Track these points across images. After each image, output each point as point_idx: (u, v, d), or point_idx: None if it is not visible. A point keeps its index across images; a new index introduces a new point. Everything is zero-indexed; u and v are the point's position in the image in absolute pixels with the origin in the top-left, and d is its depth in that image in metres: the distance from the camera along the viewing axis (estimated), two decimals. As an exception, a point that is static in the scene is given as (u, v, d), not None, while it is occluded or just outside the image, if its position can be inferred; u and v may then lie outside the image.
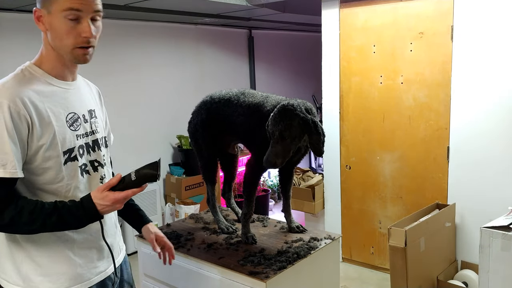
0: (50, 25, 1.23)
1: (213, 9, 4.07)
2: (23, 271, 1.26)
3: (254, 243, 1.94)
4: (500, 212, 2.52)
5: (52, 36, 1.25)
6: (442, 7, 3.13)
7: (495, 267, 2.22)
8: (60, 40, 1.24)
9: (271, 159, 1.69)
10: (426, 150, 3.35)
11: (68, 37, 1.23)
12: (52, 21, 1.22)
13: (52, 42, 1.26)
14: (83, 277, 1.32)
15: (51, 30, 1.24)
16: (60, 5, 1.20)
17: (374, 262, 3.72)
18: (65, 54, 1.27)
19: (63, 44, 1.25)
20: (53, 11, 1.21)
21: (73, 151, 1.30)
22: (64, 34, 1.23)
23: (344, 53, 3.65)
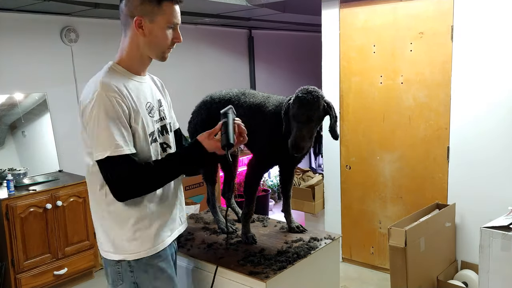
0: (150, 32, 1.44)
1: (213, 9, 4.07)
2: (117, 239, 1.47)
3: (254, 243, 1.94)
4: (500, 212, 2.52)
5: (148, 41, 1.45)
6: (442, 7, 3.13)
7: (495, 267, 2.21)
8: (157, 44, 1.47)
9: (299, 143, 1.69)
10: (426, 150, 3.35)
11: (165, 41, 1.48)
12: (153, 29, 1.44)
13: (146, 45, 1.46)
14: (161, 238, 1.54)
15: (149, 36, 1.45)
16: (167, 19, 1.46)
17: (374, 262, 3.72)
18: (154, 55, 1.50)
19: (160, 47, 1.48)
20: (156, 21, 1.44)
21: (153, 134, 1.52)
22: (163, 40, 1.47)
23: (344, 53, 3.65)
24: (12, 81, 3.61)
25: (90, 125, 1.37)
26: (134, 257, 1.47)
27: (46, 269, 3.37)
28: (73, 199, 3.48)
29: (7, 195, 3.16)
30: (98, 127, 1.35)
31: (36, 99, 3.78)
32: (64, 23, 3.88)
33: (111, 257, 1.48)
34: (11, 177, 3.23)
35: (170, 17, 1.46)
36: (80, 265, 3.57)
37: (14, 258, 3.18)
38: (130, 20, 1.43)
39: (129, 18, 1.43)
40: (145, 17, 1.42)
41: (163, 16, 1.44)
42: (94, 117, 1.36)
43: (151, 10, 1.42)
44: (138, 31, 1.43)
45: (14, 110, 3.65)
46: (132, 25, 1.43)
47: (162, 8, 1.44)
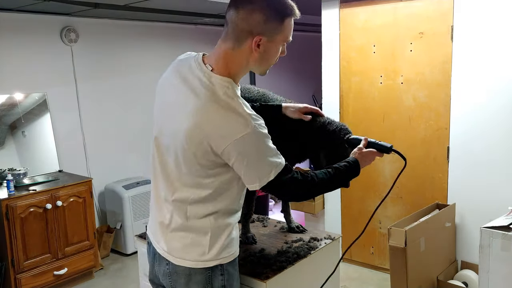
0: (266, 50, 1.37)
1: (213, 9, 4.07)
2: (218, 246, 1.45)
3: (254, 243, 1.94)
4: (500, 212, 2.52)
5: (260, 58, 1.38)
6: (442, 7, 3.13)
7: (495, 267, 2.22)
8: (267, 61, 1.41)
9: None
10: (426, 150, 3.35)
11: (275, 59, 1.44)
12: (270, 47, 1.37)
13: (257, 62, 1.39)
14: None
15: (264, 53, 1.37)
16: (285, 37, 1.40)
17: (374, 262, 3.72)
18: (259, 71, 1.45)
19: (268, 64, 1.43)
20: (275, 40, 1.37)
21: None
22: (274, 58, 1.43)
23: (344, 53, 3.65)
24: (12, 81, 3.61)
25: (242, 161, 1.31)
26: (228, 259, 1.47)
27: (46, 269, 3.37)
28: (73, 199, 3.48)
29: (7, 195, 3.16)
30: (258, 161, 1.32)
31: (36, 99, 3.78)
32: (64, 23, 3.88)
33: (205, 265, 1.44)
34: (11, 177, 3.23)
35: (288, 33, 1.41)
36: (80, 265, 3.57)
37: (14, 258, 3.18)
38: (247, 36, 1.34)
39: (247, 34, 1.33)
40: (265, 36, 1.34)
41: (283, 33, 1.38)
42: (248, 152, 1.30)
43: (273, 28, 1.35)
44: (255, 50, 1.35)
45: (14, 110, 3.65)
46: (248, 42, 1.34)
47: (284, 25, 1.37)
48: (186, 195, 1.41)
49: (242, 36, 1.34)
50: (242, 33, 1.34)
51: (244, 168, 1.32)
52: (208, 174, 1.37)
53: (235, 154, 1.30)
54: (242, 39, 1.34)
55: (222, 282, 1.46)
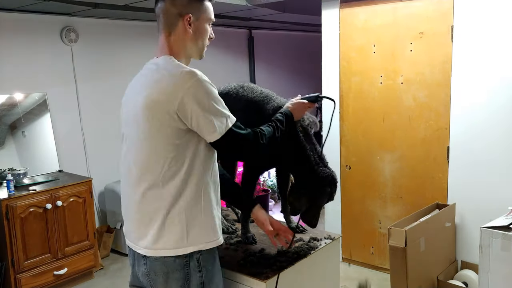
0: (196, 29, 1.53)
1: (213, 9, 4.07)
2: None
3: (254, 243, 1.94)
4: (500, 212, 2.52)
5: (194, 38, 1.53)
6: (442, 7, 3.13)
7: (495, 267, 2.22)
8: (201, 40, 1.56)
9: (316, 222, 1.86)
10: (426, 150, 3.35)
11: (206, 38, 1.58)
12: (199, 26, 1.53)
13: (193, 42, 1.54)
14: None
15: (195, 33, 1.53)
16: (208, 16, 1.56)
17: (374, 262, 3.71)
18: (197, 52, 1.58)
19: (203, 44, 1.57)
20: (201, 19, 1.53)
21: None
22: (205, 37, 1.57)
23: (344, 53, 3.65)
24: (12, 81, 3.61)
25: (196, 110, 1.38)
26: (209, 246, 1.49)
27: (46, 269, 3.37)
28: (73, 199, 3.48)
29: (7, 195, 3.16)
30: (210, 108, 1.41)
31: (36, 99, 3.78)
32: (64, 23, 3.88)
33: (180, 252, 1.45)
34: (11, 177, 3.23)
35: (210, 14, 1.56)
36: (80, 265, 3.57)
37: (14, 258, 3.18)
38: (178, 19, 1.49)
39: (177, 16, 1.49)
40: (193, 14, 1.50)
41: (205, 12, 1.54)
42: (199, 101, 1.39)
43: (197, 8, 1.51)
44: (188, 28, 1.50)
45: (14, 110, 3.65)
46: (180, 23, 1.49)
47: (204, 6, 1.53)
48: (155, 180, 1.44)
49: (174, 20, 1.50)
50: (173, 17, 1.50)
51: (202, 118, 1.39)
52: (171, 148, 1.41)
53: (190, 106, 1.38)
54: (175, 22, 1.50)
55: (200, 279, 1.48)
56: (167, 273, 1.46)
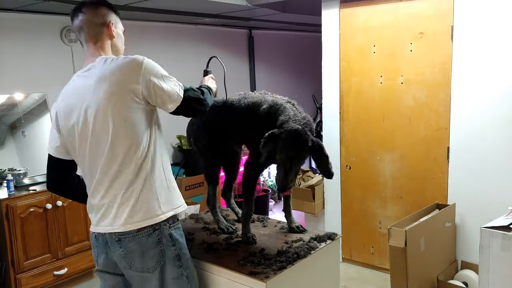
0: (118, 34, 1.72)
1: (213, 9, 4.07)
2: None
3: (254, 243, 1.94)
4: (500, 212, 2.52)
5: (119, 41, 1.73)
6: (442, 7, 3.13)
7: (495, 267, 2.21)
8: (122, 44, 1.76)
9: (288, 185, 1.72)
10: (426, 150, 3.35)
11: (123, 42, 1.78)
12: (119, 32, 1.74)
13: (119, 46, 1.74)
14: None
15: (118, 37, 1.73)
16: (121, 26, 1.76)
17: (374, 262, 3.72)
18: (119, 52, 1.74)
19: (123, 47, 1.77)
20: (119, 27, 1.74)
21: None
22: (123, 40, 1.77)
23: (344, 53, 3.65)
24: (12, 81, 3.61)
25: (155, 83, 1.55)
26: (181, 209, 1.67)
27: (46, 269, 3.37)
28: (73, 199, 3.48)
29: (7, 195, 3.16)
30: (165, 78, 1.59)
31: (36, 99, 3.78)
32: (64, 23, 3.88)
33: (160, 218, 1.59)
34: (11, 177, 3.23)
35: (121, 25, 1.76)
36: (80, 265, 3.57)
37: (14, 258, 3.18)
38: (103, 27, 1.65)
39: (102, 26, 1.65)
40: (113, 22, 1.69)
41: (119, 23, 1.74)
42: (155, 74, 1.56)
43: (114, 17, 1.70)
44: (112, 34, 1.68)
45: (14, 110, 3.65)
46: (105, 30, 1.66)
47: (118, 17, 1.74)
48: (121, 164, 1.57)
49: (99, 30, 1.65)
50: (97, 28, 1.65)
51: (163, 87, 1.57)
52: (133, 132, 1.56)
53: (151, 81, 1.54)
54: (99, 32, 1.65)
55: (176, 252, 1.63)
56: (142, 252, 1.59)
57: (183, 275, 1.64)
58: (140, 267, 1.60)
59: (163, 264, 1.61)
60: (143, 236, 1.58)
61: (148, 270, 1.60)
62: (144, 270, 1.60)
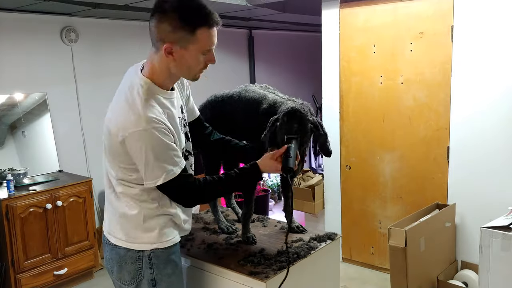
0: (181, 58, 1.41)
1: (213, 9, 4.07)
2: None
3: (254, 243, 1.94)
4: (500, 212, 2.52)
5: (178, 65, 1.43)
6: (442, 7, 3.13)
7: (495, 267, 2.22)
8: (187, 68, 1.45)
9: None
10: (426, 150, 3.35)
11: (197, 66, 1.45)
12: (185, 55, 1.40)
13: (177, 68, 1.44)
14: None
15: (180, 61, 1.42)
16: (200, 47, 1.41)
17: (374, 262, 3.72)
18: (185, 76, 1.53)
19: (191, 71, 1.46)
20: (189, 49, 1.40)
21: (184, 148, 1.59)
22: (195, 65, 1.44)
23: (344, 53, 3.65)
24: (12, 81, 3.61)
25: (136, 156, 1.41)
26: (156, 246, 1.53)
27: (46, 269, 3.37)
28: (73, 199, 3.48)
29: (7, 195, 3.16)
30: (147, 162, 1.39)
31: (36, 99, 3.78)
32: (64, 23, 3.88)
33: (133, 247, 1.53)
34: (11, 177, 3.23)
35: (205, 44, 1.42)
36: (80, 265, 3.57)
37: (14, 258, 3.18)
38: (160, 43, 1.39)
39: (160, 41, 1.39)
40: (176, 44, 1.38)
41: (197, 44, 1.40)
42: (140, 151, 1.38)
43: (184, 37, 1.38)
44: (168, 57, 1.41)
45: (14, 110, 3.65)
46: (162, 48, 1.39)
47: (196, 36, 1.39)
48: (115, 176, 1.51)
49: (157, 43, 1.41)
50: (156, 40, 1.41)
51: (138, 163, 1.42)
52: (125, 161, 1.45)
53: (132, 147, 1.39)
54: (158, 45, 1.41)
55: (151, 276, 1.54)
56: (120, 264, 1.56)
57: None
58: (118, 277, 1.59)
59: (139, 282, 1.55)
60: (122, 249, 1.55)
61: (125, 283, 1.57)
62: (121, 280, 1.58)
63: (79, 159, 4.08)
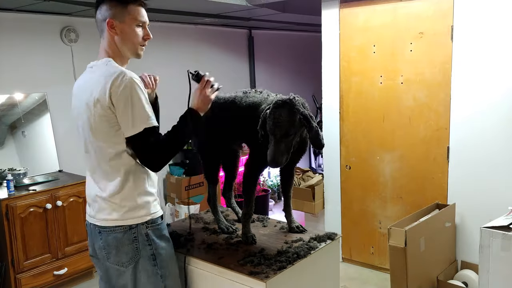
0: (122, 31, 1.66)
1: (213, 9, 4.07)
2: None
3: (254, 243, 1.94)
4: (500, 212, 2.52)
5: (121, 39, 1.66)
6: (442, 7, 3.13)
7: (495, 267, 2.21)
8: (130, 40, 1.67)
9: (277, 159, 1.69)
10: (426, 150, 3.35)
11: (137, 39, 1.69)
12: (124, 28, 1.66)
13: (121, 42, 1.67)
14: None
15: (121, 34, 1.66)
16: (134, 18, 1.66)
17: (374, 262, 3.72)
18: (130, 52, 1.71)
19: (132, 43, 1.68)
20: (125, 21, 1.65)
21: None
22: (135, 37, 1.68)
23: (344, 53, 3.65)
24: (12, 81, 3.61)
25: (123, 104, 1.55)
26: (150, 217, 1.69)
27: (46, 269, 3.37)
28: (73, 199, 3.48)
29: (7, 195, 3.16)
30: (134, 105, 1.56)
31: (36, 99, 3.78)
32: (64, 23, 3.88)
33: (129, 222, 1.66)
34: (11, 177, 3.23)
35: (137, 16, 1.67)
36: (80, 265, 3.57)
37: (14, 258, 3.18)
38: (103, 24, 1.65)
39: (103, 22, 1.65)
40: (115, 18, 1.64)
41: (130, 15, 1.66)
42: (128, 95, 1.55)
43: (119, 11, 1.64)
44: (111, 31, 1.64)
45: (14, 110, 3.65)
46: (106, 28, 1.65)
47: (128, 9, 1.65)
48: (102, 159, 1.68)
49: (102, 25, 1.67)
50: (101, 24, 1.67)
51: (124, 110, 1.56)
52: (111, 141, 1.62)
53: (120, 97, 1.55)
54: (102, 28, 1.67)
55: (151, 251, 1.68)
56: (117, 247, 1.67)
57: (158, 274, 1.69)
58: (115, 260, 1.68)
59: (137, 261, 1.67)
60: (119, 232, 1.66)
61: (123, 265, 1.67)
62: (119, 263, 1.68)
63: (79, 159, 4.05)
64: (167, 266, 1.72)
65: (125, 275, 1.68)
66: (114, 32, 1.65)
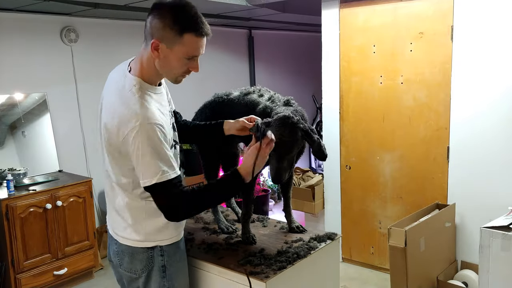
0: (165, 57, 1.44)
1: (213, 9, 4.07)
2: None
3: (254, 243, 1.94)
4: (500, 212, 2.52)
5: (161, 64, 1.46)
6: (442, 7, 3.13)
7: (495, 267, 2.21)
8: (169, 69, 1.48)
9: (280, 175, 1.66)
10: (426, 150, 3.35)
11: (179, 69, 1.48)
12: (169, 55, 1.44)
13: (159, 67, 1.47)
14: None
15: (164, 60, 1.45)
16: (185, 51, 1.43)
17: (374, 262, 3.72)
18: (167, 77, 1.53)
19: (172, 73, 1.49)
20: (174, 50, 1.42)
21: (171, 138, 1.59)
22: (178, 68, 1.47)
23: (344, 53, 3.65)
24: (12, 81, 3.61)
25: (134, 154, 1.42)
26: (168, 242, 1.63)
27: (46, 269, 3.37)
28: (73, 199, 3.48)
29: (7, 195, 3.16)
30: (143, 157, 1.41)
31: (36, 99, 3.78)
32: (64, 23, 3.88)
33: (145, 245, 1.60)
34: (11, 177, 3.23)
35: (190, 49, 1.44)
36: (80, 265, 3.57)
37: (14, 258, 3.18)
38: (150, 39, 1.44)
39: (150, 36, 1.44)
40: (163, 42, 1.42)
41: (182, 47, 1.43)
42: (138, 146, 1.40)
43: (171, 37, 1.41)
44: (153, 53, 1.44)
45: (14, 110, 3.65)
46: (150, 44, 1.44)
47: (183, 39, 1.42)
48: (120, 180, 1.55)
49: (148, 38, 1.45)
50: (147, 34, 1.46)
51: (135, 161, 1.44)
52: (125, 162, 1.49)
53: (131, 144, 1.41)
54: (148, 40, 1.45)
55: (162, 262, 1.63)
56: (132, 254, 1.62)
57: (165, 286, 1.64)
58: (129, 267, 1.63)
59: (151, 270, 1.62)
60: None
61: (136, 272, 1.62)
62: (132, 271, 1.63)
63: (79, 159, 4.08)
64: (176, 278, 1.67)
65: (136, 282, 1.65)
66: (157, 55, 1.44)
